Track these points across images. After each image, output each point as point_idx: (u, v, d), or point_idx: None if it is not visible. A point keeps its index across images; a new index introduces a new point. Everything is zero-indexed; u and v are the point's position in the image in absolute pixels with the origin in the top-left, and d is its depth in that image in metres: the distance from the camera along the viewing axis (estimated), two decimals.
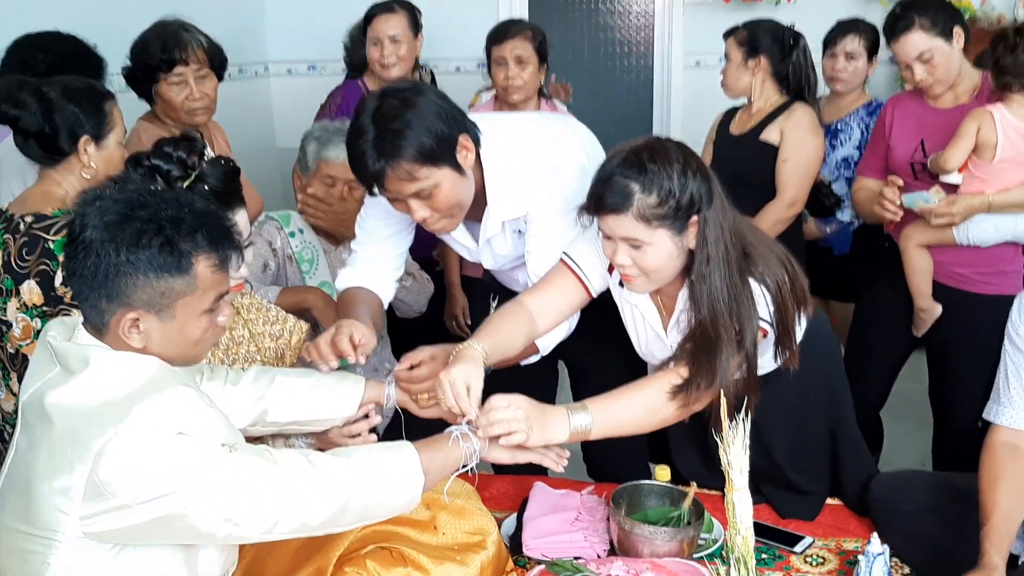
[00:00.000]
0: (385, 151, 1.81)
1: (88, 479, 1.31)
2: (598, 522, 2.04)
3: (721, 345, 1.76)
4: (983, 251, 2.54)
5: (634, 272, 1.83)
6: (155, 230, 1.38)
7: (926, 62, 2.50)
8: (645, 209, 1.75)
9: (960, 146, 2.43)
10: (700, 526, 1.89)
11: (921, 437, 3.51)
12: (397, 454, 1.59)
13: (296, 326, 2.12)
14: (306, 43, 5.20)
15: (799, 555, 2.00)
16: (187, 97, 2.63)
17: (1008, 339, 1.88)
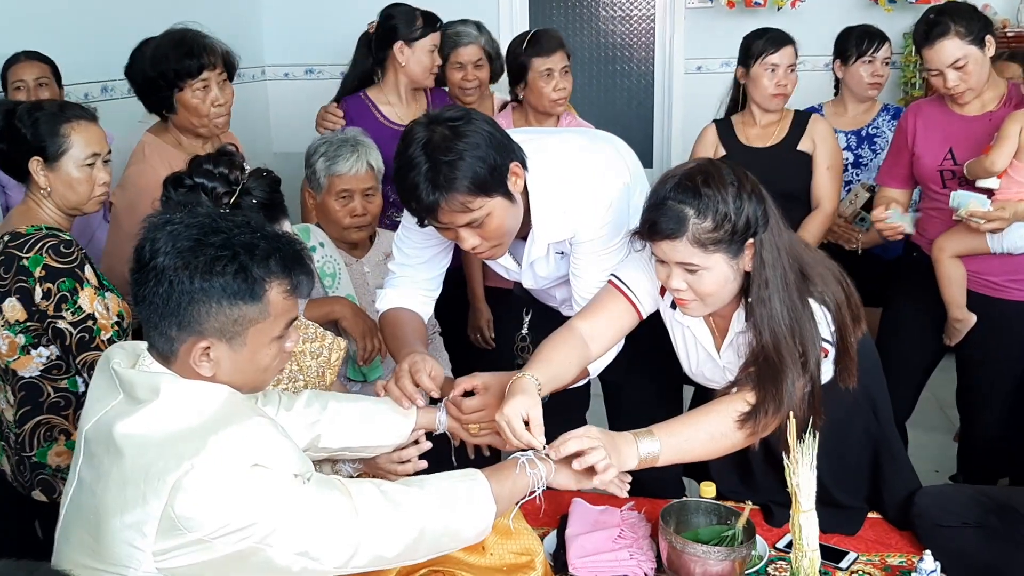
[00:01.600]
0: (439, 184, 1.77)
1: (163, 513, 1.27)
2: (641, 539, 2.01)
3: (786, 369, 1.74)
4: (1016, 258, 2.55)
5: (689, 296, 1.81)
6: (229, 257, 1.35)
7: (960, 68, 2.51)
8: (700, 234, 1.73)
9: (1005, 148, 2.44)
10: (752, 545, 1.87)
11: (931, 445, 3.54)
12: (470, 484, 1.56)
13: (335, 343, 2.08)
14: (303, 47, 5.16)
15: (844, 571, 1.99)
16: (213, 103, 2.58)
17: None
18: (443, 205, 1.79)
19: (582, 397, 2.48)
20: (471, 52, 3.29)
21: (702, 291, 1.79)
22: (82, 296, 2.03)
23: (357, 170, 2.57)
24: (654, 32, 5.20)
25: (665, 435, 1.79)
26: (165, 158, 2.57)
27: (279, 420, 1.69)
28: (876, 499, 2.19)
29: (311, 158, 2.62)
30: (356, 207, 2.58)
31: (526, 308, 2.34)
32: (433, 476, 1.60)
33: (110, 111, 3.60)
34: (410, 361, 1.88)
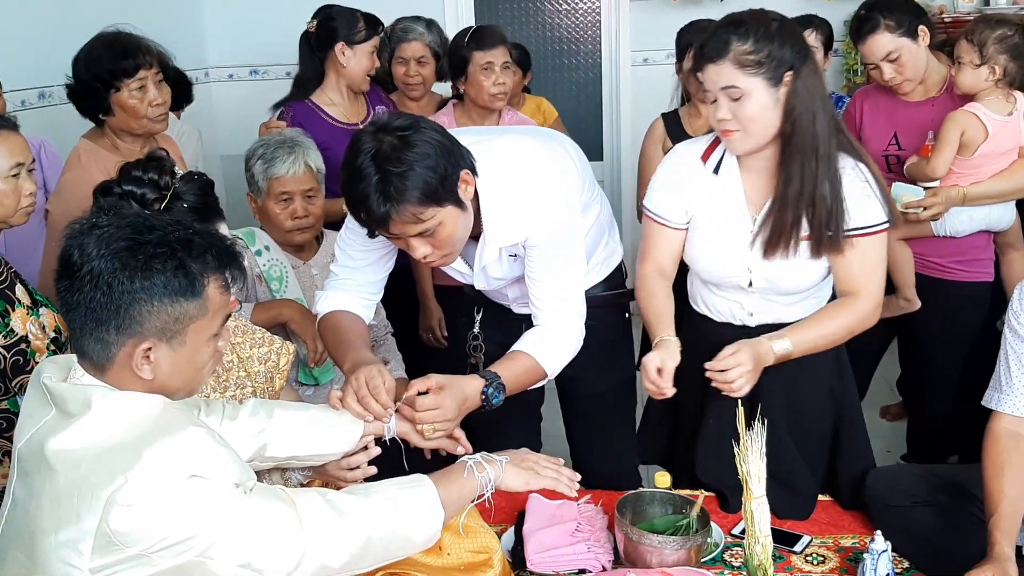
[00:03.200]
0: (390, 195, 1.74)
1: (98, 530, 1.23)
2: (599, 532, 2.02)
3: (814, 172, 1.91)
4: (958, 241, 2.60)
5: (734, 126, 1.92)
6: (168, 254, 1.32)
7: (893, 61, 2.55)
8: (740, 55, 1.86)
9: (945, 153, 2.49)
10: (707, 533, 1.88)
11: (883, 426, 3.60)
12: (417, 490, 1.54)
13: (283, 348, 2.05)
14: (247, 48, 5.09)
15: (799, 554, 2.01)
16: (150, 103, 2.54)
17: (1008, 327, 1.91)
18: (394, 216, 1.77)
19: (537, 395, 2.48)
20: (415, 48, 3.28)
21: (745, 116, 1.90)
22: (13, 318, 1.96)
23: (295, 171, 2.53)
24: (600, 25, 5.21)
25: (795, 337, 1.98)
26: (101, 163, 2.52)
27: (224, 430, 1.66)
28: (831, 477, 2.22)
29: (249, 162, 2.58)
30: (297, 209, 2.55)
31: (477, 307, 2.32)
32: (380, 483, 1.57)
33: (48, 117, 3.55)
34: (367, 375, 1.85)
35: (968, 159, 2.49)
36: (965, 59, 2.48)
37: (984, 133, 2.46)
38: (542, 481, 1.75)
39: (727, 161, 2.05)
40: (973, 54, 2.47)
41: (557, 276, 2.02)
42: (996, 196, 2.54)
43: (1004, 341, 1.92)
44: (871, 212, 1.97)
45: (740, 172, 2.04)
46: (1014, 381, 1.88)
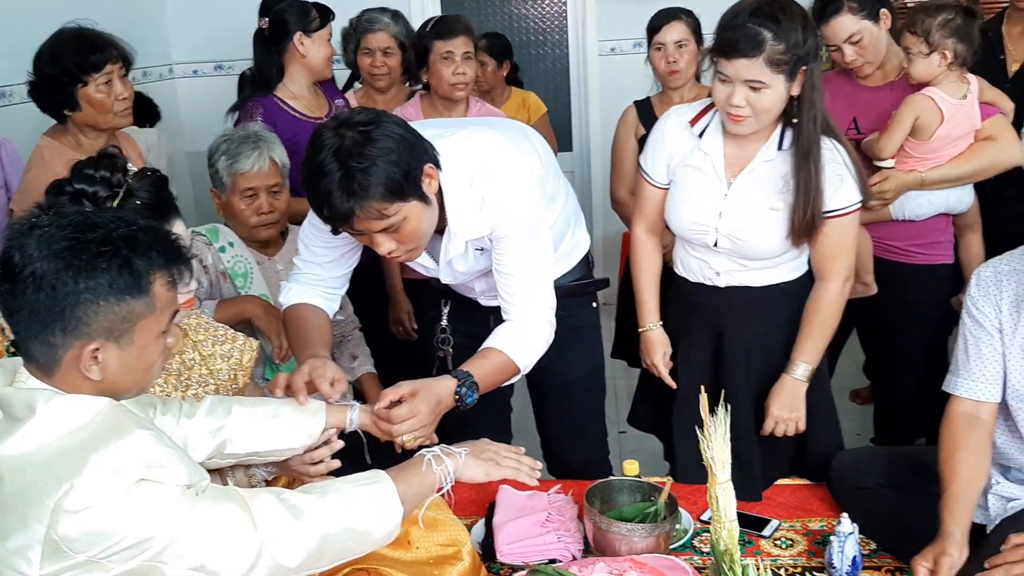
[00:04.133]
0: (353, 191, 1.72)
1: (46, 537, 1.21)
2: (569, 521, 2.02)
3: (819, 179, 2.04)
4: (917, 224, 2.62)
5: (747, 112, 2.01)
6: (112, 252, 1.30)
7: (855, 44, 2.56)
8: (775, 55, 1.94)
9: (895, 135, 2.51)
10: (676, 520, 1.89)
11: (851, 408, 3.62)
12: (374, 487, 1.52)
13: (247, 344, 2.03)
14: (211, 43, 5.04)
15: (768, 538, 2.03)
16: (116, 97, 2.52)
17: (966, 312, 1.93)
18: (358, 212, 1.75)
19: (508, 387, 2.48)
20: (380, 39, 3.26)
21: (761, 107, 2.00)
22: None
23: (260, 167, 2.51)
24: (567, 15, 5.20)
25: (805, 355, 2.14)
26: (65, 160, 2.47)
27: (181, 429, 1.65)
28: (801, 458, 2.25)
29: (212, 157, 2.55)
30: (262, 205, 2.52)
31: (444, 300, 2.31)
32: (337, 480, 1.55)
33: (7, 117, 3.49)
34: (310, 366, 1.84)
35: (925, 143, 2.51)
36: (914, 50, 2.50)
37: (940, 117, 2.47)
38: (502, 471, 1.73)
39: (712, 128, 2.16)
40: (920, 44, 2.48)
41: (525, 270, 2.02)
42: (953, 180, 2.56)
43: (962, 326, 1.94)
44: (844, 194, 2.06)
45: (723, 139, 2.15)
46: (971, 365, 1.90)
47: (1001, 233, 2.55)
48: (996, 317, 1.87)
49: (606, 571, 1.74)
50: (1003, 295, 1.87)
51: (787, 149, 2.09)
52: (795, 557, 1.96)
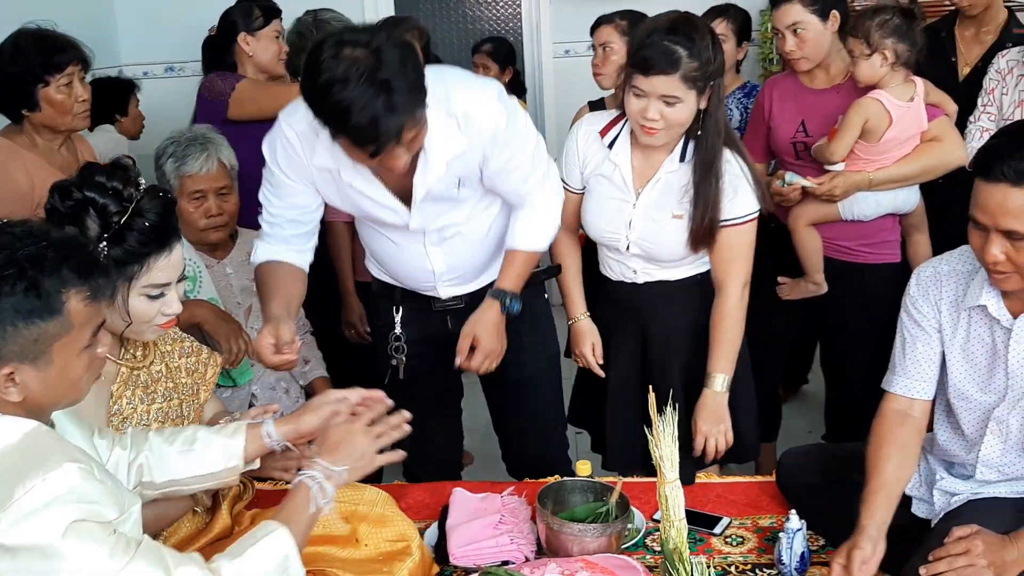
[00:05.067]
0: (396, 106, 1.69)
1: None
2: (522, 523, 2.02)
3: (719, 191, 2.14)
4: (865, 224, 2.66)
5: (660, 126, 2.09)
6: (16, 274, 1.26)
7: (797, 34, 2.60)
8: (689, 72, 2.03)
9: (845, 139, 2.54)
10: (627, 519, 1.90)
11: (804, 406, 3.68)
12: (275, 543, 1.49)
13: (212, 359, 2.00)
14: (161, 44, 4.98)
15: (719, 536, 2.04)
16: (76, 99, 2.51)
17: (904, 311, 1.96)
18: (408, 124, 1.74)
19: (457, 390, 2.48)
20: None
21: (674, 120, 2.08)
22: None
23: (208, 169, 2.48)
24: (521, 17, 5.21)
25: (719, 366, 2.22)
26: (20, 161, 2.49)
27: (114, 455, 1.62)
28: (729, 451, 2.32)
29: (159, 160, 2.51)
30: (211, 207, 2.49)
31: (396, 306, 2.30)
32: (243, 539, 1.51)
33: None
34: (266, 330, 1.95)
35: (874, 145, 2.55)
36: (856, 52, 2.54)
37: (888, 119, 2.51)
38: (378, 461, 1.72)
39: (622, 139, 2.24)
40: (861, 46, 2.52)
41: (522, 179, 2.10)
42: (901, 180, 2.60)
43: (900, 324, 1.97)
44: (739, 203, 2.17)
45: (631, 150, 2.22)
46: (907, 363, 1.94)
47: (952, 234, 2.59)
48: (935, 317, 1.90)
49: (557, 572, 1.74)
50: (943, 295, 1.89)
51: (689, 160, 2.17)
52: (745, 554, 1.98)
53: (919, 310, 1.92)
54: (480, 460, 3.22)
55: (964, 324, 1.87)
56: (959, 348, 1.88)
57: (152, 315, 1.73)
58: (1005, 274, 1.71)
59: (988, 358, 1.85)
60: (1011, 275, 1.71)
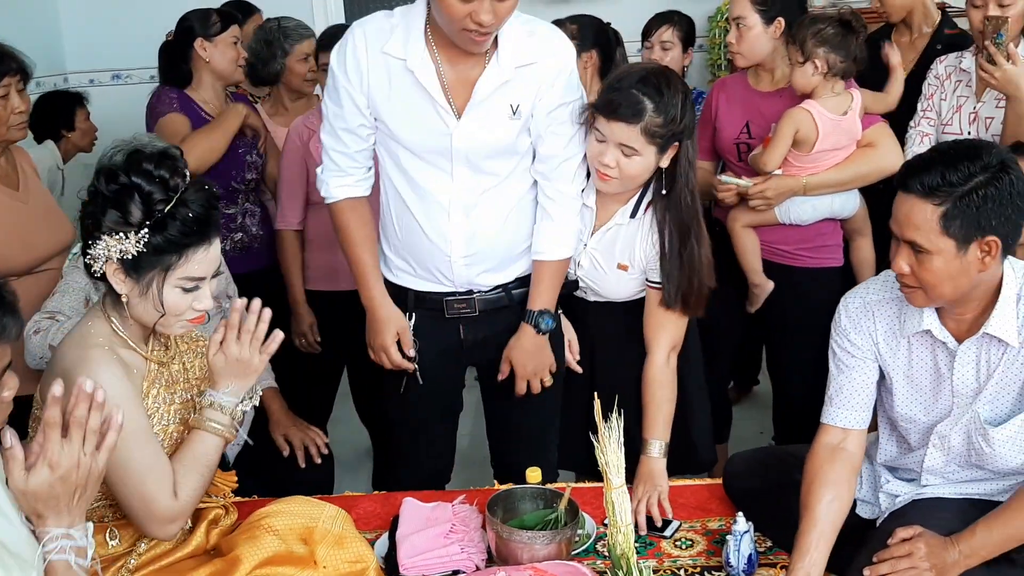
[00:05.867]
0: None
1: None
2: (473, 531, 2.01)
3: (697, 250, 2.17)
4: (804, 228, 2.69)
5: (614, 174, 2.09)
6: None
7: (739, 28, 2.65)
8: (652, 126, 2.03)
9: (778, 149, 2.57)
10: (576, 526, 1.91)
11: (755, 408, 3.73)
12: None
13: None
14: (108, 51, 4.91)
15: (669, 539, 2.06)
16: (12, 111, 2.49)
17: (835, 343, 1.96)
18: None
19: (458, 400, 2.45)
20: (312, 44, 3.30)
21: (628, 173, 2.09)
22: None
23: None
24: None
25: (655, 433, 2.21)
26: None
27: None
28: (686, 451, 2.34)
29: None
30: None
31: (409, 313, 2.23)
32: None
33: None
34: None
35: (806, 155, 2.59)
36: (792, 59, 2.58)
37: (816, 132, 2.55)
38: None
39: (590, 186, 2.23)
40: (796, 53, 2.56)
41: (563, 146, 2.11)
42: (835, 185, 2.64)
43: (832, 356, 1.97)
44: None
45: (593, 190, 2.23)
46: (842, 394, 1.94)
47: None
48: (871, 348, 1.91)
49: None
50: (877, 326, 1.90)
51: (640, 217, 2.21)
52: (695, 557, 2.00)
53: (852, 342, 1.92)
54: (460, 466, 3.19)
55: (904, 350, 1.88)
56: (902, 374, 1.89)
57: (183, 309, 1.71)
58: (912, 288, 1.74)
59: (932, 381, 1.87)
60: (917, 290, 1.74)
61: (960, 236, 1.65)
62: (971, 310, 1.77)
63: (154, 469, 1.68)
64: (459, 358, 2.28)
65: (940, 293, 1.71)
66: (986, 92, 2.63)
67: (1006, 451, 1.79)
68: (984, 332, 1.76)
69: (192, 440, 1.75)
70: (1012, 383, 1.79)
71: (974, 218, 1.64)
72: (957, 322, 1.80)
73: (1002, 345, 1.77)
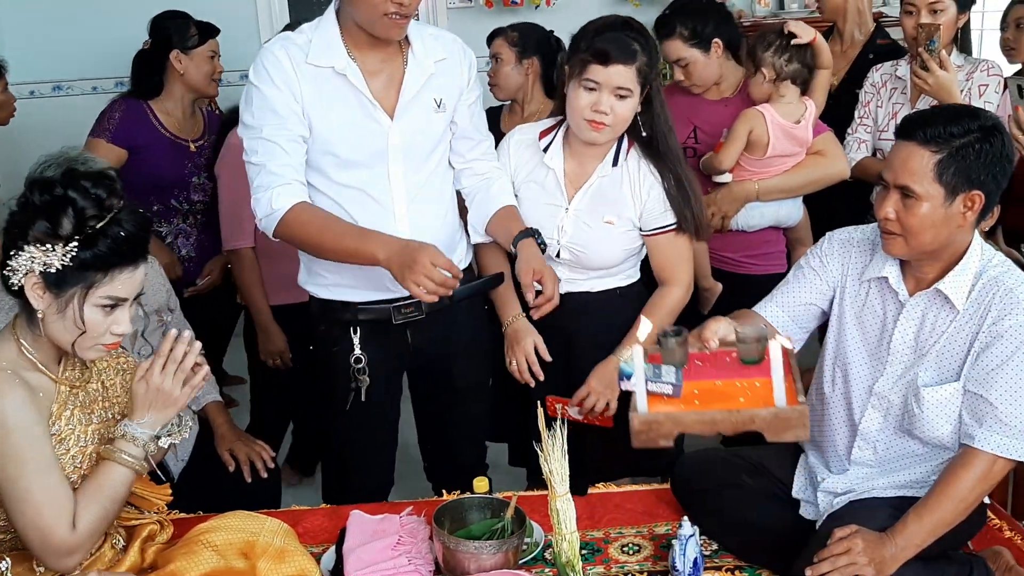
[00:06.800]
0: None
1: None
2: (420, 543, 2.01)
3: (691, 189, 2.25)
4: (750, 236, 2.74)
5: (609, 120, 2.15)
6: None
7: (683, 67, 2.69)
8: (642, 66, 2.13)
9: (732, 147, 2.62)
10: (523, 534, 1.91)
11: None
12: None
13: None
14: (49, 62, 4.81)
15: (616, 546, 2.07)
16: None
17: (808, 258, 2.09)
18: None
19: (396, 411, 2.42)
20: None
21: (621, 115, 2.15)
22: None
23: None
24: None
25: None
26: None
27: None
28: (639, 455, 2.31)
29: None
30: None
31: (354, 327, 2.22)
32: None
33: None
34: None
35: (759, 159, 2.64)
36: (748, 72, 2.66)
37: (767, 135, 2.60)
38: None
39: (556, 143, 2.29)
40: (749, 65, 2.64)
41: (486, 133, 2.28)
42: (786, 191, 2.69)
43: (797, 267, 2.11)
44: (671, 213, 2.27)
45: (565, 156, 2.28)
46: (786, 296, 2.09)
47: None
48: (839, 278, 2.02)
49: None
50: (851, 261, 2.00)
51: (622, 164, 2.22)
52: (642, 562, 2.01)
53: (822, 262, 2.03)
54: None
55: (863, 294, 1.98)
56: (855, 316, 1.98)
57: (102, 330, 1.69)
58: (893, 235, 1.83)
59: (878, 331, 1.95)
60: (898, 237, 1.83)
61: (950, 185, 1.77)
62: (935, 269, 1.88)
63: (54, 499, 1.65)
64: (403, 365, 2.27)
65: (920, 240, 1.82)
66: (920, 98, 2.69)
67: (934, 415, 1.86)
68: (936, 288, 1.85)
69: (99, 470, 1.72)
70: (956, 353, 1.86)
71: (965, 170, 1.76)
72: (917, 280, 1.90)
73: (950, 311, 1.85)
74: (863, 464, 1.98)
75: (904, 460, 1.95)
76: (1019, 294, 1.80)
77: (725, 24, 2.73)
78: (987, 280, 1.83)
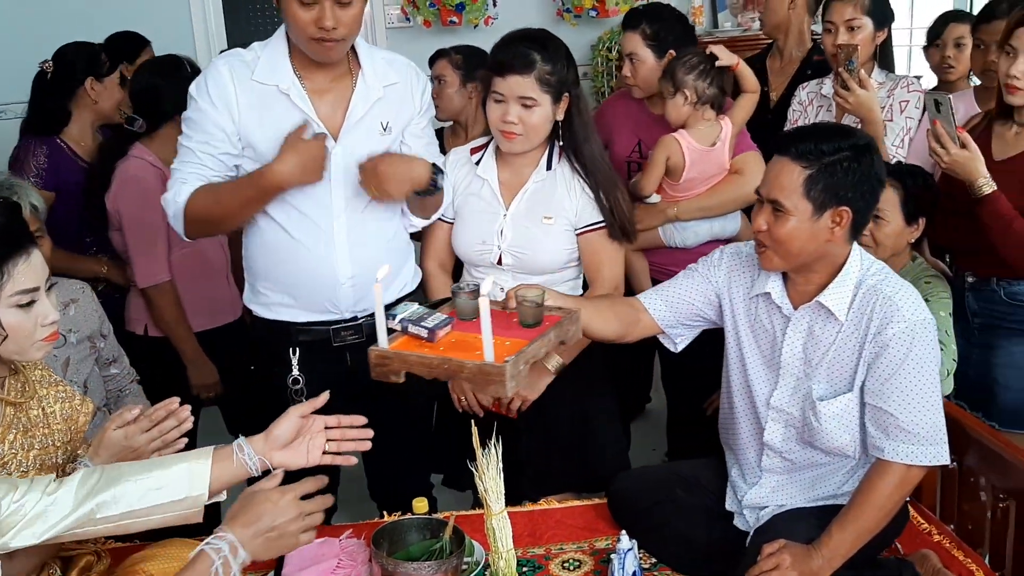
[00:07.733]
0: None
1: None
2: (360, 566, 2.00)
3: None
4: (691, 251, 2.76)
5: (519, 130, 2.22)
6: None
7: (632, 64, 2.75)
8: (543, 74, 2.18)
9: (652, 174, 2.67)
10: (462, 554, 1.90)
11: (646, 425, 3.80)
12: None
13: (84, 405, 1.87)
14: None
15: (557, 562, 2.08)
16: None
17: (699, 264, 2.15)
18: None
19: None
20: None
21: (531, 124, 2.21)
22: None
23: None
24: None
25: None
26: None
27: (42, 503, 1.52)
28: (584, 472, 2.37)
29: None
30: None
31: (292, 348, 2.22)
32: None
33: None
34: None
35: (678, 183, 2.69)
36: (665, 92, 2.67)
37: (683, 162, 2.64)
38: (302, 541, 1.65)
39: (488, 155, 2.37)
40: (668, 85, 2.65)
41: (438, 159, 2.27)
42: (702, 211, 2.73)
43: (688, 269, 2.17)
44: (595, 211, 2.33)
45: (499, 166, 2.34)
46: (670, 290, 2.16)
47: None
48: (725, 287, 2.07)
49: None
50: (741, 276, 2.06)
51: (556, 168, 2.31)
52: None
53: (711, 272, 2.10)
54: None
55: (753, 310, 2.03)
56: (749, 330, 2.04)
57: (31, 328, 1.64)
58: (765, 249, 1.89)
59: (770, 345, 2.00)
60: (767, 251, 1.89)
61: (817, 201, 1.81)
62: (813, 282, 1.92)
63: None
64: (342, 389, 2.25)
65: (787, 252, 1.87)
66: (844, 116, 2.76)
67: (832, 427, 1.91)
68: (817, 300, 1.90)
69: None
70: (845, 364, 1.91)
71: (834, 186, 1.81)
72: (800, 293, 1.95)
73: (834, 324, 1.90)
74: (774, 472, 2.04)
75: (813, 469, 2.01)
76: (898, 301, 1.84)
77: (685, 43, 2.75)
78: (867, 289, 1.88)
